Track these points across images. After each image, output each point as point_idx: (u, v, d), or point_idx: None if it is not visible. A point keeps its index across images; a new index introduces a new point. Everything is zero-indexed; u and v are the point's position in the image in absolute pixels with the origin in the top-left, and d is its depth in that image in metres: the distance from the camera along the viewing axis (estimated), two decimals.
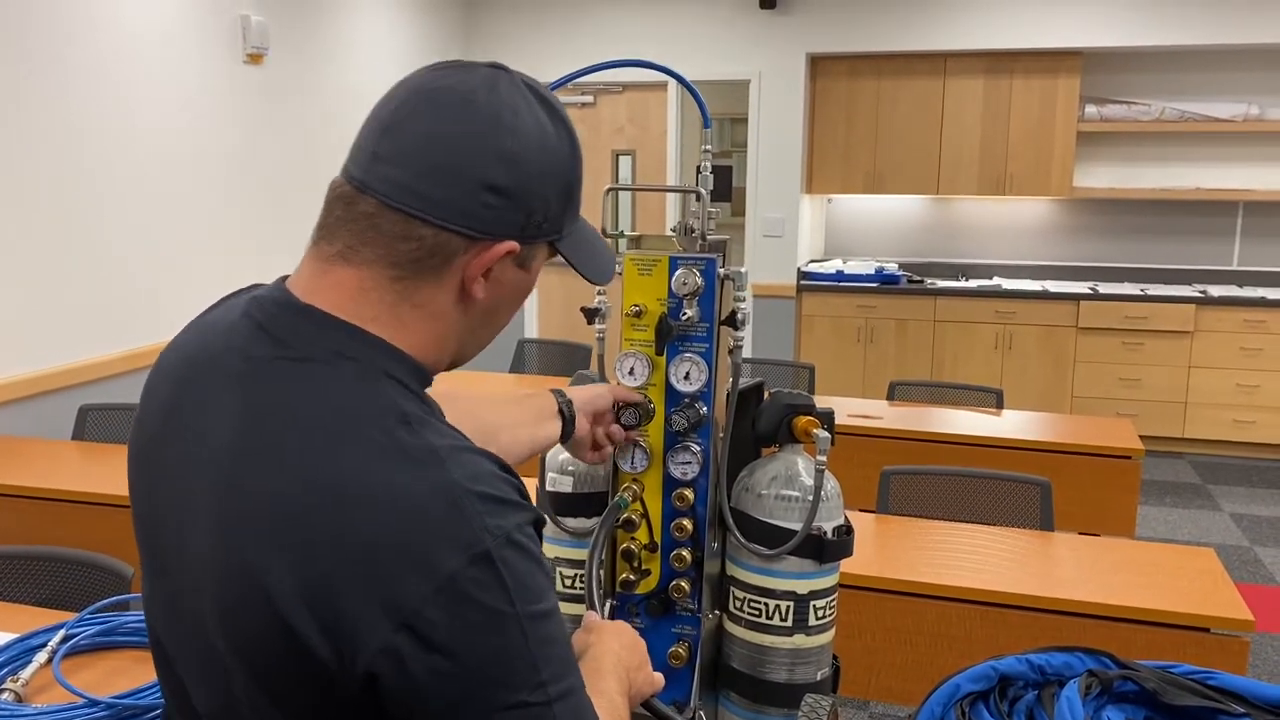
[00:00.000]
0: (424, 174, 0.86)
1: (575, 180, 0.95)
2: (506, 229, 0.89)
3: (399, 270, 0.87)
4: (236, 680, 0.84)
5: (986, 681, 1.28)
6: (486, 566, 0.78)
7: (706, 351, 1.33)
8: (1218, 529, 4.89)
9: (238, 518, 0.82)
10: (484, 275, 0.89)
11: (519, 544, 0.81)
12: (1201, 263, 6.42)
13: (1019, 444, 3.37)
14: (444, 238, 0.86)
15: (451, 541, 0.78)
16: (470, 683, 0.78)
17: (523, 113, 0.89)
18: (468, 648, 0.78)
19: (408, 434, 0.82)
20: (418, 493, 0.79)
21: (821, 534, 1.34)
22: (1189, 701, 1.23)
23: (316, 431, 0.81)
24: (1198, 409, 6.00)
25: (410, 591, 0.76)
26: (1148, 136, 6.34)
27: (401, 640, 0.76)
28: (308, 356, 0.85)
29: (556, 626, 0.83)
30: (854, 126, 6.48)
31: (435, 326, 0.90)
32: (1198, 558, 2.34)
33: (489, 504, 0.80)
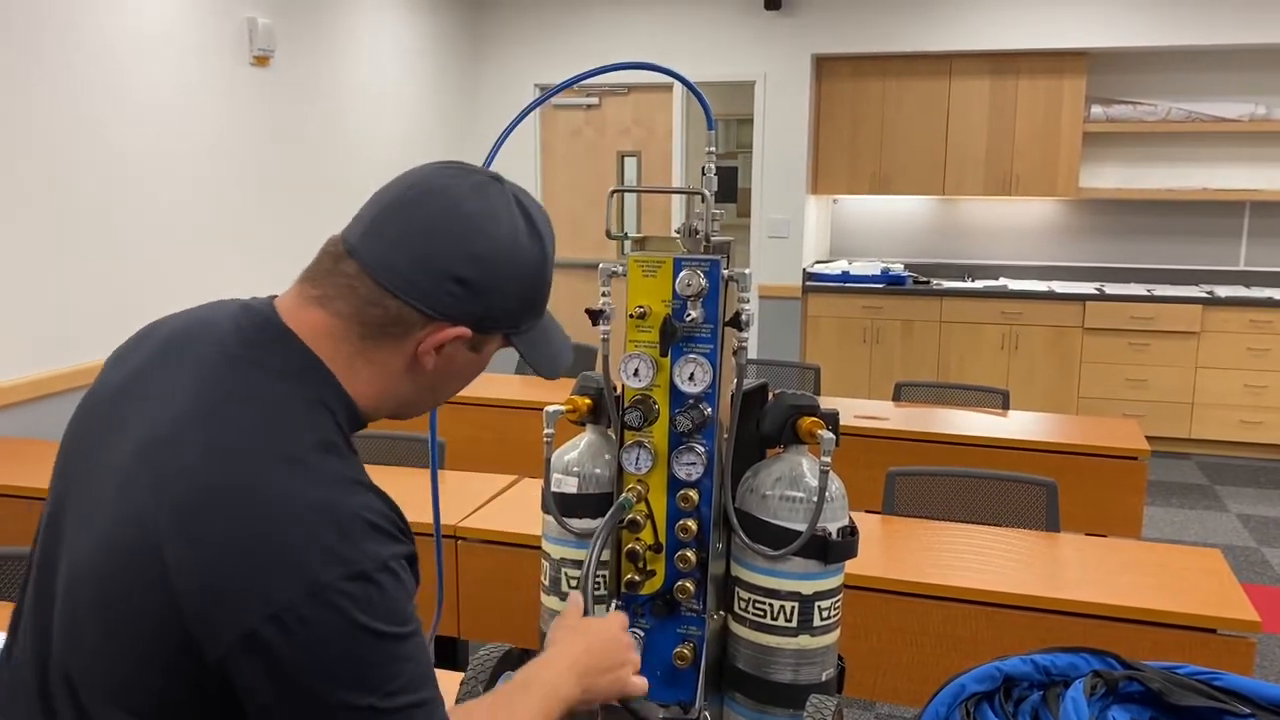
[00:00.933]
0: (403, 256, 0.99)
1: (539, 286, 1.07)
2: (464, 317, 1.01)
3: (364, 329, 1.00)
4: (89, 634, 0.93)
5: (991, 682, 1.28)
6: (362, 585, 0.89)
7: (711, 353, 1.34)
8: (1224, 530, 4.88)
9: (153, 488, 0.92)
10: (436, 350, 1.02)
11: (394, 572, 0.92)
12: (1208, 263, 6.41)
13: (1025, 445, 3.37)
14: (406, 311, 1.00)
15: (334, 556, 0.88)
16: (323, 678, 0.88)
17: (502, 221, 1.02)
18: (325, 652, 0.87)
19: (320, 458, 0.94)
20: (314, 506, 0.90)
21: (826, 535, 1.34)
22: (1194, 702, 1.23)
23: (248, 432, 0.93)
24: (1204, 409, 5.99)
25: (286, 588, 0.86)
26: (1154, 137, 6.33)
27: (269, 630, 0.86)
28: (269, 367, 0.98)
29: (415, 647, 0.93)
30: (859, 127, 6.48)
31: (383, 383, 1.03)
32: (1204, 558, 2.33)
33: (373, 532, 0.92)
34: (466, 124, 6.73)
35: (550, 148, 6.87)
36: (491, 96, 6.80)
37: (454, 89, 6.57)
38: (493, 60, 6.80)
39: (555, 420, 1.44)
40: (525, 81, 6.71)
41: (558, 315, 1.22)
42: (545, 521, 1.47)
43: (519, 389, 4.17)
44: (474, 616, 2.60)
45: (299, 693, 0.88)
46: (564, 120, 6.85)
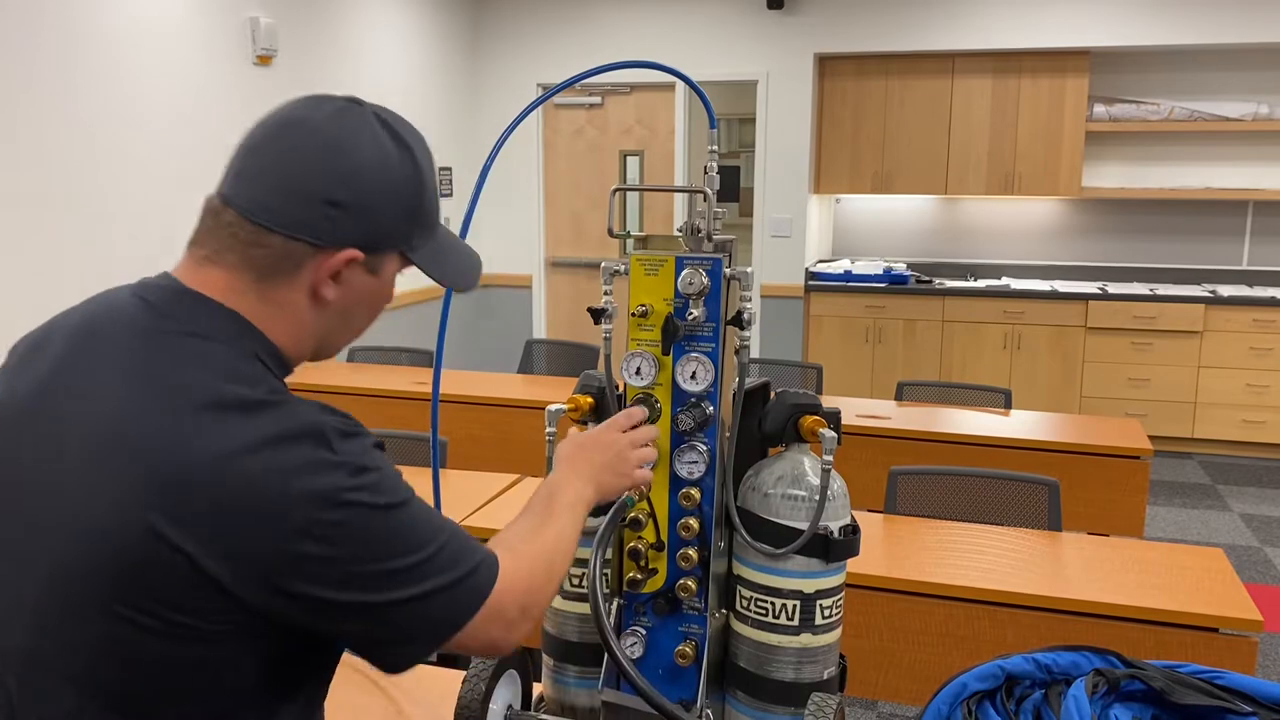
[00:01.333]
0: (273, 191, 1.00)
1: (419, 199, 1.06)
2: (348, 239, 1.01)
3: (256, 273, 1.01)
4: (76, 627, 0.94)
5: (993, 680, 1.28)
6: (361, 475, 0.96)
7: (713, 351, 1.34)
8: (1227, 529, 4.87)
9: (130, 475, 0.92)
10: (333, 279, 1.03)
11: (374, 455, 0.99)
12: (1211, 262, 6.40)
13: (1027, 444, 3.37)
14: (290, 245, 1.00)
15: (332, 465, 0.95)
16: (373, 561, 0.96)
17: (364, 139, 1.02)
18: (362, 540, 0.95)
19: (275, 396, 0.97)
20: (295, 436, 0.95)
21: (828, 533, 1.34)
22: (1196, 701, 1.23)
23: (199, 398, 0.94)
24: (1207, 409, 5.98)
25: (308, 508, 0.92)
26: (1157, 136, 6.32)
27: (309, 546, 0.93)
28: (193, 332, 0.99)
29: (420, 506, 1.02)
30: (862, 126, 6.48)
31: (294, 323, 1.04)
32: (1206, 558, 2.33)
33: (346, 435, 0.98)
34: (469, 123, 6.73)
35: (553, 147, 6.88)
36: (493, 95, 6.80)
37: (456, 88, 6.58)
38: (495, 59, 6.80)
39: (557, 419, 1.44)
40: (527, 80, 6.71)
41: (559, 314, 1.23)
42: None
43: (521, 388, 4.18)
44: None
45: (363, 581, 0.96)
46: (567, 119, 6.85)
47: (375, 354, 4.74)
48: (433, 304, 6.28)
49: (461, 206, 6.64)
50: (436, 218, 1.11)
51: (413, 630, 1.01)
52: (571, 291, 6.99)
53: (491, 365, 6.69)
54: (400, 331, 5.87)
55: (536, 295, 6.95)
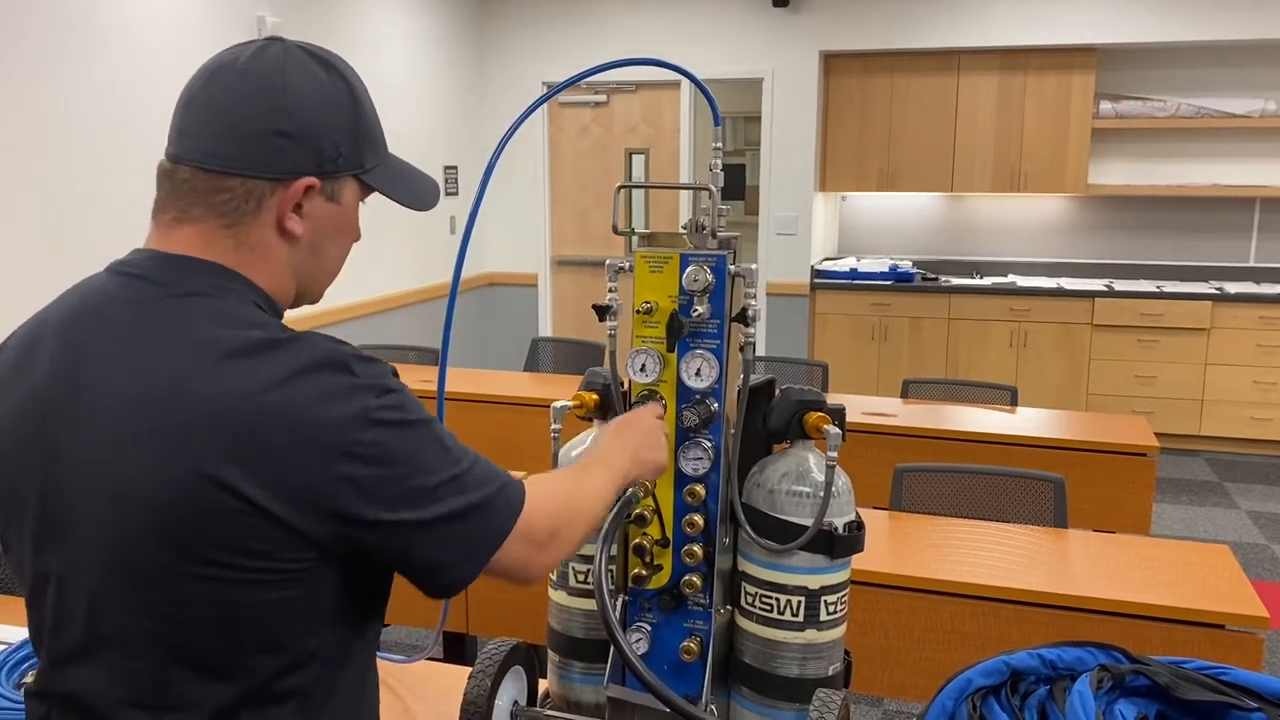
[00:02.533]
0: (220, 136, 1.02)
1: (360, 120, 1.08)
2: (300, 167, 1.03)
3: (225, 219, 1.03)
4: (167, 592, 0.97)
5: (998, 676, 1.28)
6: (389, 395, 1.00)
7: (717, 348, 1.34)
8: (1234, 527, 4.86)
9: (168, 433, 0.94)
10: (296, 211, 1.04)
11: (396, 380, 1.03)
12: (1218, 259, 6.38)
13: (1033, 441, 3.37)
14: (249, 184, 1.02)
15: (359, 388, 0.98)
16: (411, 476, 0.99)
17: (292, 70, 1.04)
18: (398, 452, 0.99)
19: (287, 333, 1.00)
20: (318, 366, 0.98)
21: (832, 529, 1.34)
22: (1201, 696, 1.23)
23: (225, 347, 0.97)
24: (1214, 406, 5.97)
25: (344, 427, 0.96)
26: (1163, 133, 6.30)
27: (350, 467, 0.96)
28: (190, 291, 1.01)
29: (442, 428, 1.06)
30: (867, 124, 6.47)
31: (272, 264, 1.06)
32: (1213, 554, 2.33)
33: (365, 360, 1.02)
34: (474, 122, 6.74)
35: (558, 145, 6.88)
36: (499, 94, 6.81)
37: (461, 87, 6.58)
38: (500, 58, 6.80)
39: (562, 416, 1.44)
40: (532, 79, 6.72)
41: (564, 312, 1.23)
42: None
43: (527, 386, 4.18)
44: (481, 612, 2.61)
45: (401, 496, 0.99)
46: (572, 118, 6.85)
47: (382, 352, 4.75)
48: (437, 303, 6.29)
49: (464, 205, 6.65)
50: (382, 140, 1.13)
51: (460, 546, 1.04)
52: (577, 289, 6.99)
53: (498, 363, 6.70)
54: (407, 330, 5.88)
55: (542, 293, 6.96)
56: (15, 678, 1.67)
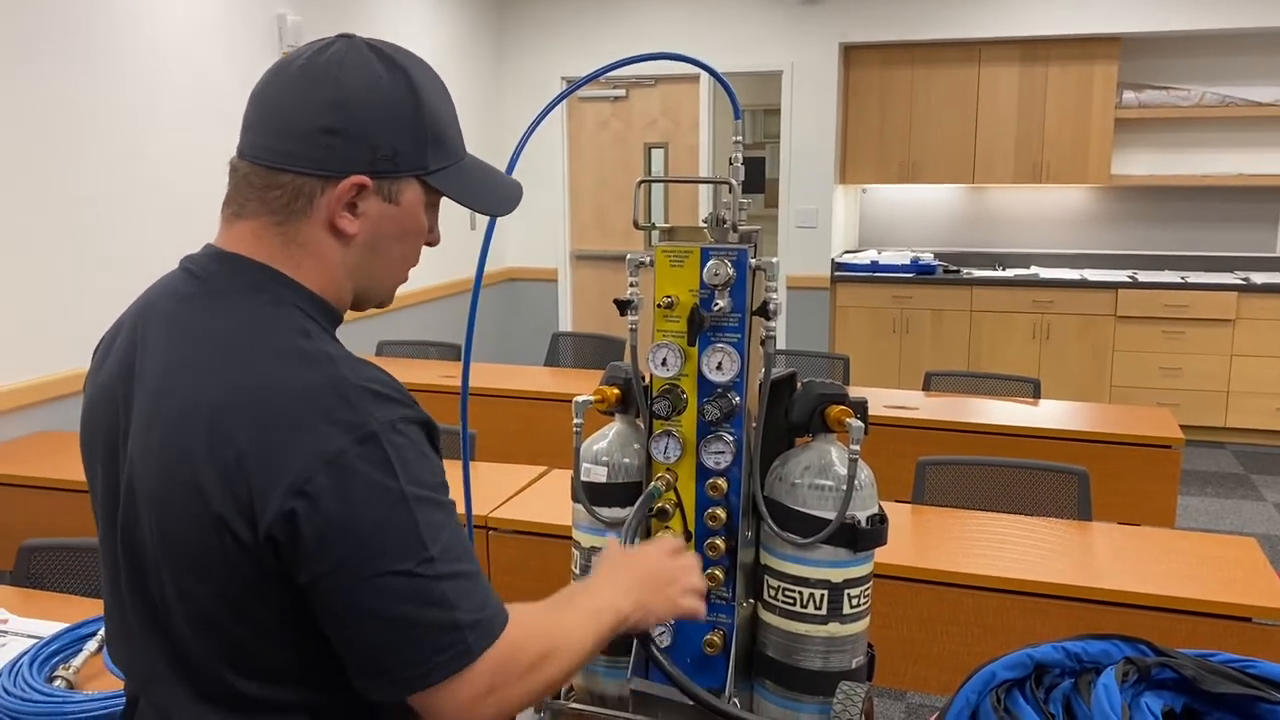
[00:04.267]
0: (273, 131, 1.02)
1: (422, 118, 1.04)
2: (350, 165, 1.01)
3: (276, 216, 1.02)
4: (164, 575, 0.99)
5: (1022, 669, 1.27)
6: (373, 446, 0.92)
7: (739, 342, 1.34)
8: (1261, 519, 4.82)
9: (171, 422, 0.97)
10: (350, 211, 1.03)
11: (403, 433, 0.95)
12: (1243, 249, 6.32)
13: (1057, 434, 3.35)
14: (299, 181, 1.01)
15: (341, 424, 0.92)
16: (357, 545, 0.91)
17: (351, 66, 1.02)
18: (354, 513, 0.91)
19: (306, 343, 0.98)
20: (312, 384, 0.94)
21: (855, 522, 1.34)
22: (1229, 689, 1.22)
23: (232, 345, 0.98)
24: (1240, 398, 5.91)
25: (305, 462, 0.91)
26: (1187, 122, 6.24)
27: (296, 504, 0.90)
28: (225, 289, 1.03)
29: (448, 518, 0.96)
30: (888, 116, 6.44)
31: (324, 264, 1.04)
32: (1238, 547, 2.31)
33: (375, 398, 0.95)
34: (494, 118, 6.75)
35: (577, 140, 6.88)
36: (519, 90, 6.82)
37: (481, 83, 6.60)
38: (519, 54, 6.81)
39: (585, 410, 1.45)
40: (552, 75, 6.72)
41: (583, 307, 1.21)
42: (575, 510, 1.48)
43: (548, 381, 4.19)
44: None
45: (332, 561, 0.91)
46: (591, 113, 6.85)
47: (404, 348, 4.78)
48: (458, 298, 6.31)
49: None
50: (454, 141, 1.08)
51: (375, 657, 0.93)
52: (597, 284, 7.00)
53: (518, 358, 6.72)
54: (428, 325, 5.91)
55: (562, 288, 6.97)
56: (46, 671, 1.69)
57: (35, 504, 3.00)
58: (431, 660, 0.92)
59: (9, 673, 1.65)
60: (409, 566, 0.91)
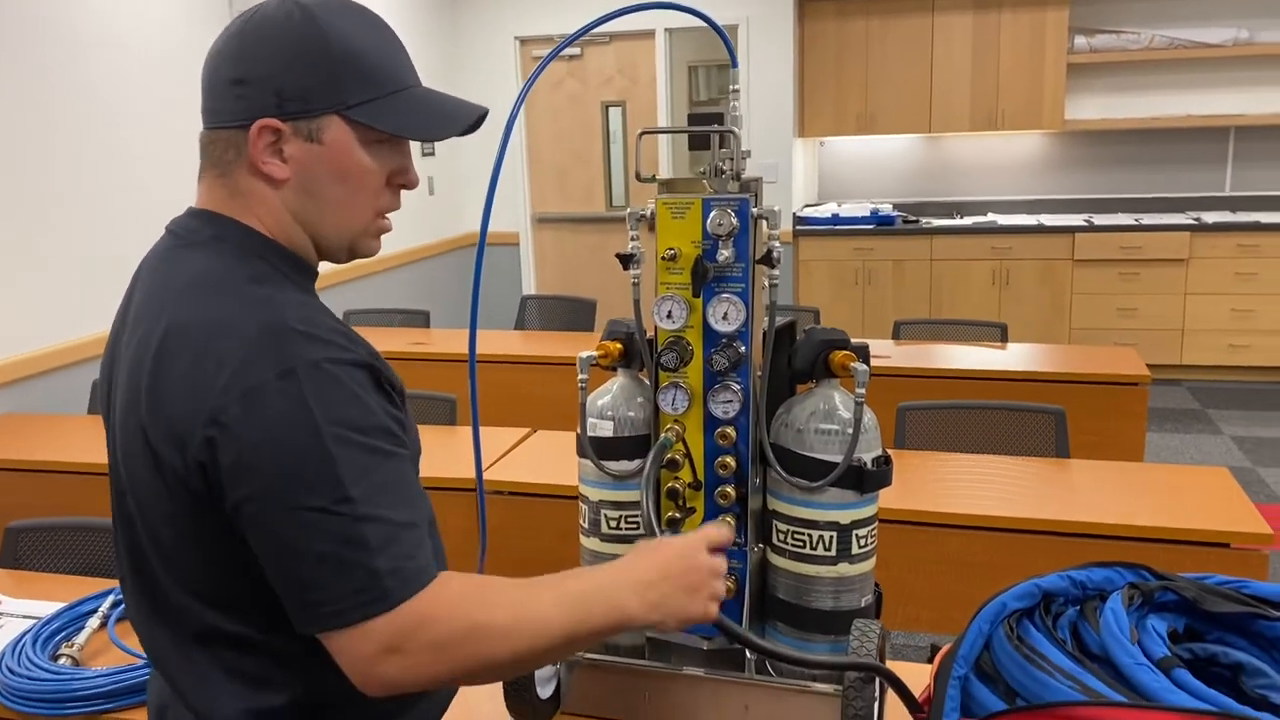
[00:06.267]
0: (205, 93, 1.08)
1: (332, 55, 1.03)
2: (260, 111, 1.03)
3: (218, 170, 1.08)
4: (136, 518, 1.08)
5: (1031, 599, 1.31)
6: (290, 380, 0.94)
7: (743, 291, 1.35)
8: (1220, 452, 4.95)
9: (126, 369, 1.05)
10: (278, 157, 1.05)
11: (329, 372, 0.96)
12: (1195, 190, 6.43)
13: (1028, 376, 3.41)
14: (228, 134, 1.06)
15: (264, 359, 0.95)
16: (270, 477, 0.93)
17: (258, 19, 1.05)
18: (267, 444, 0.93)
19: (253, 287, 1.02)
20: (245, 324, 0.98)
21: (862, 465, 1.37)
22: (1228, 608, 1.27)
23: (184, 290, 1.04)
24: (1195, 335, 6.05)
25: (224, 394, 0.94)
26: (1138, 65, 6.32)
27: (215, 432, 0.94)
28: (193, 242, 1.08)
29: (383, 464, 0.96)
30: (844, 68, 6.44)
31: (269, 210, 1.08)
32: (1212, 476, 2.38)
33: (306, 338, 0.97)
34: (447, 81, 6.66)
35: (533, 101, 6.82)
36: (472, 52, 6.72)
37: (434, 46, 6.49)
38: (472, 14, 6.71)
39: (588, 366, 1.45)
40: (505, 35, 6.63)
41: (546, 269, 1.19)
42: (582, 465, 1.49)
43: (520, 344, 4.19)
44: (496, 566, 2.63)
45: (246, 492, 0.94)
46: (546, 73, 6.78)
47: (370, 315, 4.74)
48: (420, 264, 6.26)
49: (443, 166, 6.59)
50: (382, 72, 1.06)
51: (296, 591, 0.94)
52: (559, 246, 6.97)
53: (486, 323, 6.69)
54: (389, 294, 5.85)
55: (525, 251, 6.93)
56: (50, 649, 1.68)
57: (9, 486, 2.95)
58: (348, 599, 0.91)
59: (12, 652, 1.64)
60: (323, 503, 0.92)
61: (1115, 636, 1.20)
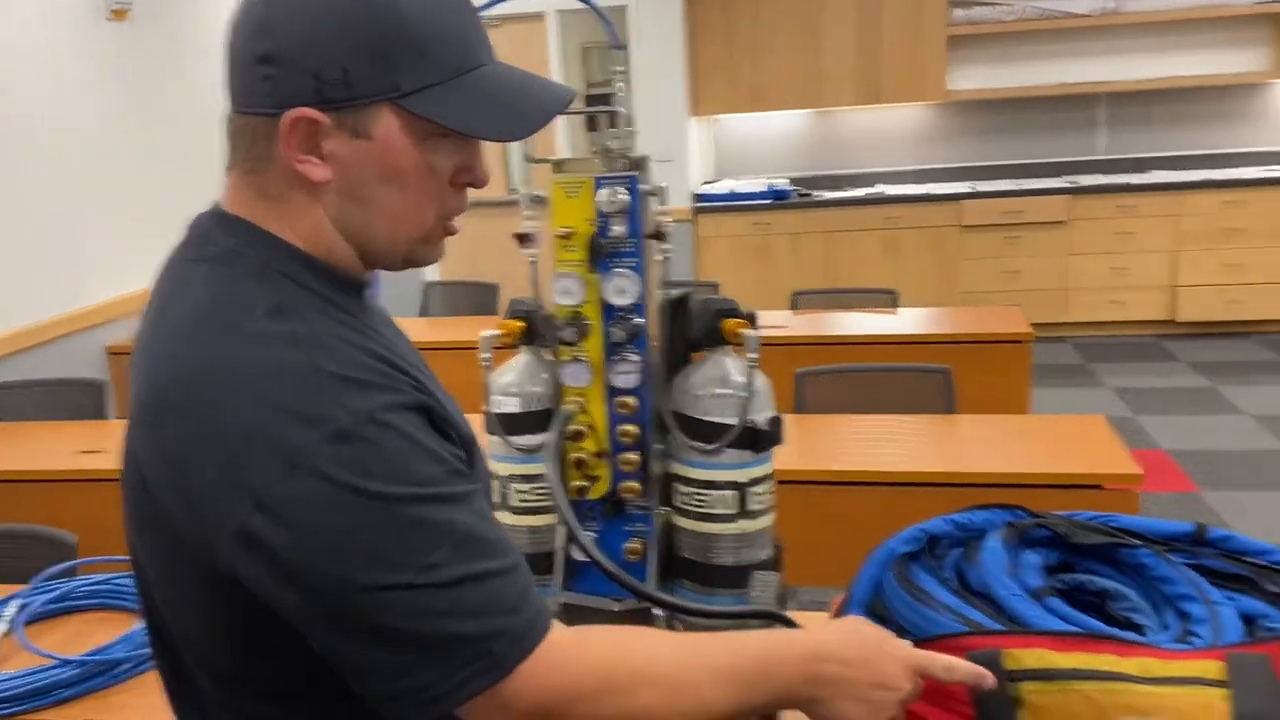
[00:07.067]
0: (228, 68, 0.89)
1: (380, 31, 0.85)
2: (293, 97, 0.85)
3: (246, 165, 0.90)
4: (145, 567, 0.92)
5: (917, 543, 1.40)
6: (345, 445, 0.78)
7: (637, 265, 1.40)
8: (1103, 403, 5.21)
9: (132, 405, 0.89)
10: (316, 154, 0.87)
11: (384, 423, 0.80)
12: (1071, 155, 6.71)
13: (918, 339, 3.56)
14: (249, 122, 0.88)
15: (303, 419, 0.78)
16: (332, 565, 0.78)
17: None
18: (325, 529, 0.77)
19: (271, 322, 0.83)
20: (271, 373, 0.80)
21: (756, 426, 1.44)
22: (1096, 540, 1.38)
23: (189, 322, 0.85)
24: (1077, 294, 6.33)
25: (262, 469, 0.77)
26: (1013, 36, 6.55)
27: (258, 522, 0.77)
28: (206, 256, 0.90)
29: (457, 510, 0.82)
30: (733, 45, 6.54)
31: (302, 217, 0.90)
32: (1089, 424, 2.53)
33: (348, 385, 0.81)
34: None
35: None
36: None
37: None
38: None
39: (490, 345, 1.49)
40: None
41: (447, 255, 1.06)
42: (491, 442, 1.53)
43: (428, 331, 4.19)
44: None
45: (314, 583, 0.78)
46: None
47: None
48: None
49: None
50: (447, 49, 0.89)
51: (393, 677, 0.80)
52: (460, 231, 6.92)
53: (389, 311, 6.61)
54: None
55: None
56: None
57: None
58: (455, 675, 0.80)
59: None
60: (406, 578, 0.78)
61: (994, 572, 1.30)
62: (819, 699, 0.93)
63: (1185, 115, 6.54)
